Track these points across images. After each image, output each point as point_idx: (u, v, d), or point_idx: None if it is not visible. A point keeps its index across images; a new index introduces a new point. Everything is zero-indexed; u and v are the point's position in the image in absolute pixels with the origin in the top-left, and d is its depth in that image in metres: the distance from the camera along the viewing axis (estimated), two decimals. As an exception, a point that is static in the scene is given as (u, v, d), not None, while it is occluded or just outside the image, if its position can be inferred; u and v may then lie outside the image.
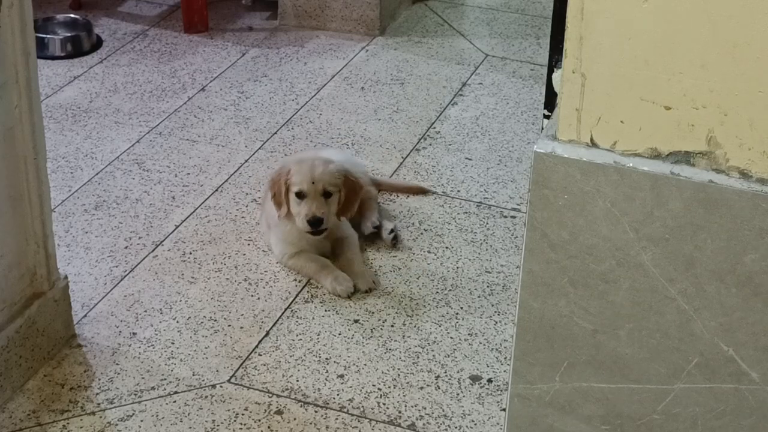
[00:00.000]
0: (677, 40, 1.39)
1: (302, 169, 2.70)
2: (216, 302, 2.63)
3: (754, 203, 1.42)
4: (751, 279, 1.45)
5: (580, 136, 1.48)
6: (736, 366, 1.51)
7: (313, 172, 2.69)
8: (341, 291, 2.68)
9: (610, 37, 1.41)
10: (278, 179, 2.72)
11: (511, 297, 2.69)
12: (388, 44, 4.09)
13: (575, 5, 1.42)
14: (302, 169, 2.70)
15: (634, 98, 1.44)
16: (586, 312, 1.55)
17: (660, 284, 1.50)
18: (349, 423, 2.28)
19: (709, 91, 1.40)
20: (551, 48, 1.77)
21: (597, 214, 1.49)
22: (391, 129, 3.47)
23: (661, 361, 1.55)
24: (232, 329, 2.56)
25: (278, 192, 2.71)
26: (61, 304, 2.42)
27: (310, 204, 2.68)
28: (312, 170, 2.70)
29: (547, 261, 1.54)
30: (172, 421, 2.27)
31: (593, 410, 1.61)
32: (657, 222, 1.47)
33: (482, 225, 2.98)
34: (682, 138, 1.44)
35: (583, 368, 1.59)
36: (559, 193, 1.50)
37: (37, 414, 2.27)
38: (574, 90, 1.46)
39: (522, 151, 3.36)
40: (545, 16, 4.33)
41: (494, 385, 2.40)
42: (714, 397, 1.54)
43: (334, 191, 2.72)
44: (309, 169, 2.70)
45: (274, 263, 2.79)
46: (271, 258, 2.81)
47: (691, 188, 1.44)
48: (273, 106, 3.59)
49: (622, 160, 1.46)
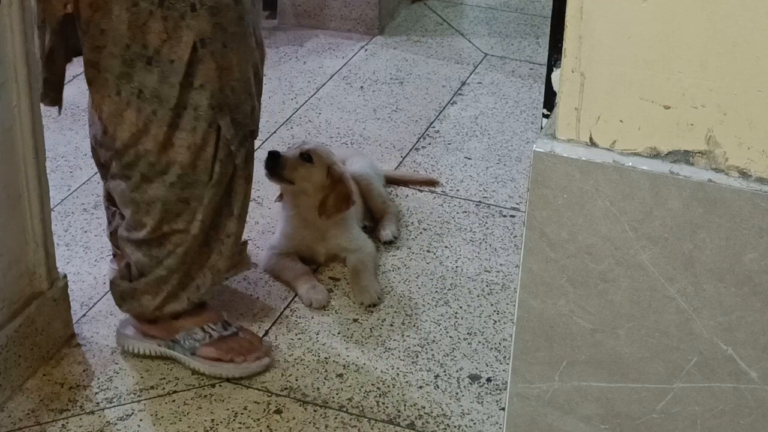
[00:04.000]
0: (676, 39, 1.39)
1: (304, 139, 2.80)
2: (215, 302, 2.63)
3: (753, 202, 1.42)
4: (751, 278, 1.45)
5: (579, 135, 1.48)
6: (735, 365, 1.51)
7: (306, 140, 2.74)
8: (315, 302, 2.61)
9: (610, 37, 1.41)
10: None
11: (510, 296, 2.69)
12: (387, 43, 4.09)
13: (574, 4, 1.42)
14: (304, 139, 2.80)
15: (633, 97, 1.44)
16: (586, 311, 1.55)
17: (659, 283, 1.50)
18: (348, 422, 2.28)
19: (708, 90, 1.40)
20: (550, 47, 1.77)
21: (596, 214, 1.49)
22: (391, 128, 3.47)
23: (660, 361, 1.55)
24: (231, 328, 2.56)
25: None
26: (61, 304, 2.42)
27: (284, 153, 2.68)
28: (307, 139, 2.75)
29: (546, 260, 1.54)
30: (172, 420, 2.27)
31: (592, 409, 1.61)
32: (656, 221, 1.47)
33: (481, 224, 2.98)
34: (682, 137, 1.44)
35: (582, 367, 1.59)
36: (558, 193, 1.50)
37: (36, 413, 2.27)
38: (573, 89, 1.46)
39: (521, 151, 3.36)
40: (544, 15, 4.33)
41: (493, 384, 2.40)
42: (713, 396, 1.54)
43: (316, 159, 2.67)
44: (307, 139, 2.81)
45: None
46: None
47: (690, 187, 1.44)
48: (272, 106, 3.59)
49: (622, 160, 1.46)
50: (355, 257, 2.74)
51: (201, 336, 2.38)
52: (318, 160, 2.68)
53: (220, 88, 2.16)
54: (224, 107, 2.17)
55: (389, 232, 2.87)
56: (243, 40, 2.18)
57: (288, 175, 2.66)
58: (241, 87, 2.20)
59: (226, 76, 2.16)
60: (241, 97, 2.20)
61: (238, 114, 2.21)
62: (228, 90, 2.17)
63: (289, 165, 2.65)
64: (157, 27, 2.09)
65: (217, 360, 2.36)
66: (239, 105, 2.20)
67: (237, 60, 2.17)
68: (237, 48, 2.17)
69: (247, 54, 2.20)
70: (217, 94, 2.16)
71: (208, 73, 2.13)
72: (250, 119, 2.24)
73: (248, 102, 2.23)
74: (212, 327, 2.39)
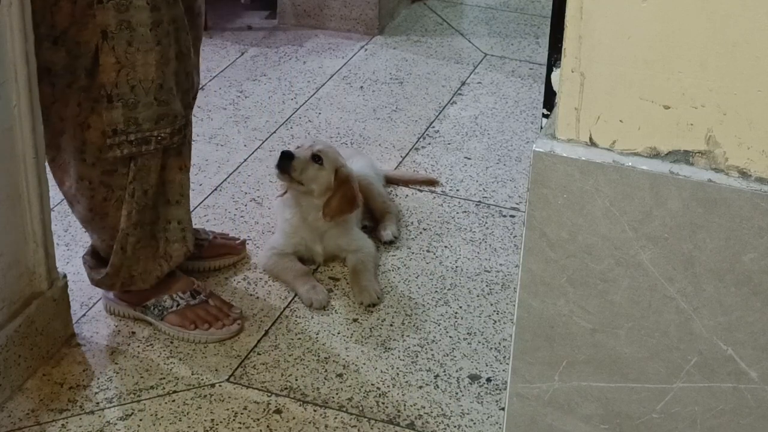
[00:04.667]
0: (676, 39, 1.39)
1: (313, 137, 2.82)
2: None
3: (753, 202, 1.42)
4: (750, 278, 1.45)
5: (579, 135, 1.48)
6: (735, 365, 1.51)
7: (315, 138, 2.78)
8: (316, 302, 2.61)
9: (610, 36, 1.41)
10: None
11: (510, 296, 2.69)
12: (387, 43, 4.09)
13: (574, 4, 1.42)
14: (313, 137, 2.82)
15: (633, 97, 1.44)
16: (585, 311, 1.55)
17: (659, 283, 1.50)
18: (348, 422, 2.28)
19: (708, 90, 1.40)
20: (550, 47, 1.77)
21: (596, 213, 1.49)
22: (390, 128, 3.47)
23: (660, 361, 1.55)
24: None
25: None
26: (60, 304, 2.42)
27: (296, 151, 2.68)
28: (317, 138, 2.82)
29: (546, 260, 1.54)
30: (171, 420, 2.27)
31: (592, 409, 1.61)
32: (656, 221, 1.47)
33: (481, 224, 2.98)
34: (681, 137, 1.44)
35: (582, 367, 1.59)
36: (558, 192, 1.50)
37: (36, 413, 2.27)
38: (573, 89, 1.46)
39: (521, 150, 3.36)
40: (544, 15, 4.33)
41: (493, 384, 2.40)
42: (713, 396, 1.54)
43: (325, 161, 2.67)
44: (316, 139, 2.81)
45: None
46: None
47: (690, 187, 1.44)
48: (272, 105, 3.59)
49: (621, 159, 1.46)
50: (354, 257, 2.73)
51: (169, 304, 2.51)
52: (327, 161, 2.68)
53: (116, 83, 2.21)
54: (117, 101, 2.22)
55: (390, 232, 2.87)
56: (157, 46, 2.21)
57: (298, 176, 2.66)
58: (143, 89, 2.23)
59: (126, 74, 2.21)
60: (142, 99, 2.24)
61: (137, 114, 2.24)
62: (126, 87, 2.22)
63: (301, 166, 2.65)
64: (66, 8, 2.16)
65: (181, 326, 2.49)
66: (137, 105, 2.24)
67: (143, 61, 2.21)
68: (146, 50, 2.20)
69: (162, 60, 2.23)
70: (112, 87, 2.21)
71: (106, 64, 2.19)
72: (155, 125, 2.27)
73: (152, 108, 2.25)
74: (181, 296, 2.52)
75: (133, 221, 2.35)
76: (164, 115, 2.27)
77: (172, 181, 2.38)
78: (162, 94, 2.25)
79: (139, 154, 2.28)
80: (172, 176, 2.37)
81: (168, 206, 2.40)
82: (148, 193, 2.34)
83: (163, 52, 2.22)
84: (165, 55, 2.23)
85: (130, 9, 2.17)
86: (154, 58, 2.21)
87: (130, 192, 2.31)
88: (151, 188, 2.34)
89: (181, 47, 2.28)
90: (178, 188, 2.40)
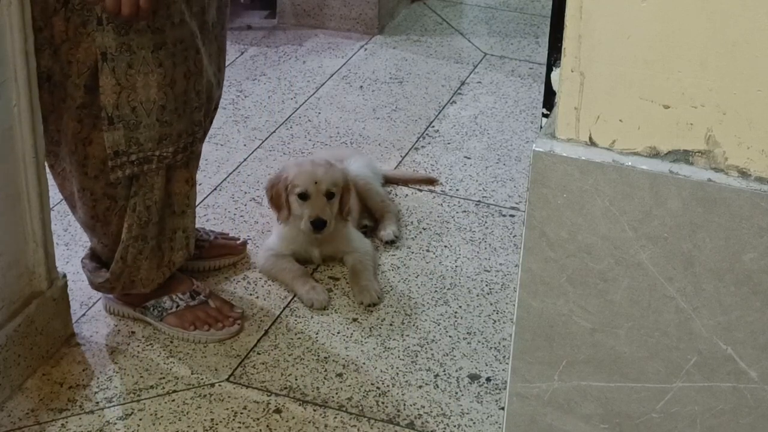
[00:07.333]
0: (676, 38, 1.39)
1: (304, 170, 2.68)
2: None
3: (752, 202, 1.42)
4: (750, 278, 1.45)
5: (579, 134, 1.48)
6: (734, 365, 1.51)
7: (315, 173, 2.66)
8: (316, 302, 2.61)
9: (609, 36, 1.41)
10: (276, 182, 2.70)
11: (510, 296, 2.69)
12: (386, 43, 4.09)
13: (574, 4, 1.42)
14: (304, 170, 2.68)
15: (632, 97, 1.44)
16: (585, 311, 1.55)
17: (659, 283, 1.50)
18: (348, 422, 2.28)
19: (708, 89, 1.40)
20: (550, 47, 1.77)
21: (596, 213, 1.49)
22: (390, 128, 3.47)
23: (660, 360, 1.55)
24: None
25: (277, 195, 2.69)
26: (60, 303, 2.42)
27: (314, 205, 2.66)
28: (314, 171, 2.66)
29: (546, 260, 1.54)
30: (171, 419, 2.27)
31: (592, 409, 1.62)
32: (656, 221, 1.47)
33: (481, 224, 2.98)
34: (681, 137, 1.44)
35: (581, 367, 1.59)
36: (558, 192, 1.50)
37: (35, 413, 2.27)
38: (572, 89, 1.46)
39: (521, 150, 3.36)
40: (544, 14, 4.33)
41: (493, 383, 2.40)
42: (713, 395, 1.54)
43: (336, 192, 2.69)
44: (311, 170, 2.67)
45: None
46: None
47: (689, 187, 1.44)
48: (272, 105, 3.59)
49: (621, 159, 1.47)
50: (353, 257, 2.74)
51: (169, 305, 2.51)
52: (337, 189, 2.69)
53: (117, 105, 2.20)
54: (118, 122, 2.21)
55: (390, 232, 2.87)
56: (159, 68, 2.20)
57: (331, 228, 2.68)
58: (145, 110, 2.22)
59: (127, 95, 2.19)
60: (143, 120, 2.23)
61: (139, 134, 2.23)
62: (127, 108, 2.20)
63: (330, 219, 2.67)
64: (60, 25, 2.15)
65: (180, 328, 2.50)
66: (138, 126, 2.23)
67: (144, 83, 2.20)
68: (147, 72, 2.19)
69: (164, 82, 2.21)
70: (113, 109, 2.20)
71: (105, 86, 2.18)
72: (157, 145, 2.26)
73: (155, 128, 2.24)
74: (180, 297, 2.51)
75: (134, 234, 2.34)
76: (167, 135, 2.26)
77: (178, 193, 2.37)
78: (165, 115, 2.24)
79: (141, 173, 2.28)
80: (179, 188, 2.36)
81: (173, 216, 2.39)
82: (151, 208, 2.32)
83: (165, 73, 2.20)
84: (168, 76, 2.21)
85: (131, 32, 2.14)
86: (156, 80, 2.20)
87: (131, 206, 2.31)
88: (154, 204, 2.32)
89: (189, 67, 2.25)
90: (184, 200, 2.39)
